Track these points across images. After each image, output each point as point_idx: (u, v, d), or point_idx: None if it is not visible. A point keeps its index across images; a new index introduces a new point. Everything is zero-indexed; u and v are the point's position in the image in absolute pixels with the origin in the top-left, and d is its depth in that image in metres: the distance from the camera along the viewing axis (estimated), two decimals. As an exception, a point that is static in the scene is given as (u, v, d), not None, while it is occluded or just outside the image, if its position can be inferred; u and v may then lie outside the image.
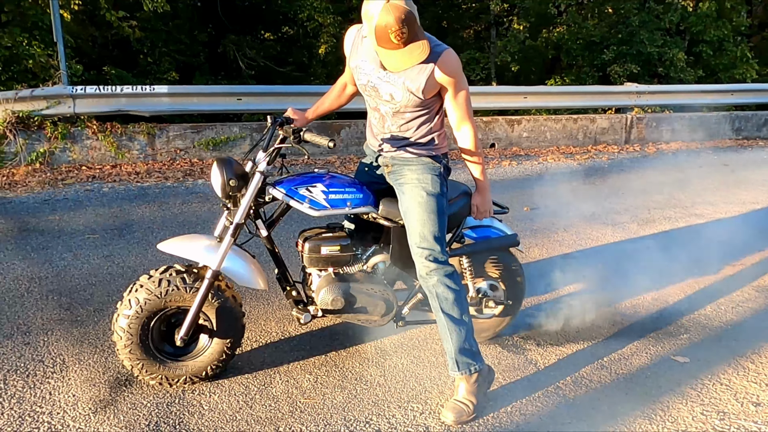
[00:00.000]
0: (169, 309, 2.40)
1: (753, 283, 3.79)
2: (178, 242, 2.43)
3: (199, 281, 2.38)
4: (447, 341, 2.39)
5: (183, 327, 2.38)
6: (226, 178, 2.33)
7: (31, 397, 2.39)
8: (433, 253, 2.35)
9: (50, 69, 6.71)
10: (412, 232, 2.38)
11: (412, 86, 2.25)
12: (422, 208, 2.36)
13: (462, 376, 2.38)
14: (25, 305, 3.16)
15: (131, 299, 2.36)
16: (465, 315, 2.40)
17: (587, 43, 11.85)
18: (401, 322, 2.71)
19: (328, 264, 2.53)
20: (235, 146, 6.65)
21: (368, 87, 2.36)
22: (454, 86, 2.28)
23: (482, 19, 13.40)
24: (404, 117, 2.36)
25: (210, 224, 4.39)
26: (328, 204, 2.42)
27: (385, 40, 2.07)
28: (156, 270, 2.42)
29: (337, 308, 2.50)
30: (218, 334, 2.46)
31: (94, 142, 6.17)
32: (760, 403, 2.53)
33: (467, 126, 2.37)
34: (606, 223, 4.92)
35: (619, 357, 2.87)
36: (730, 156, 7.93)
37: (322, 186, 2.42)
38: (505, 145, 7.88)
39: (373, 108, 2.45)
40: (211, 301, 2.41)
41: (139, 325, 2.36)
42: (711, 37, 11.52)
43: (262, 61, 11.20)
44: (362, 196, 2.47)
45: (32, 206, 4.87)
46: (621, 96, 8.66)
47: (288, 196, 2.40)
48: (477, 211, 2.56)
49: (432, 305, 2.41)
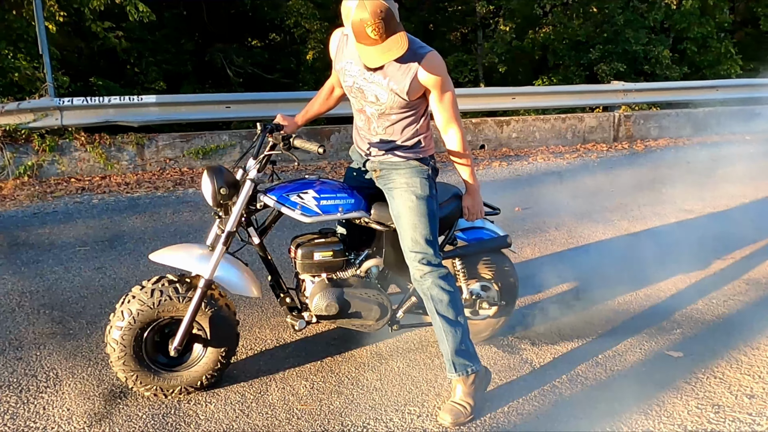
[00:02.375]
0: (162, 319, 2.38)
1: (744, 276, 3.83)
2: (170, 252, 2.41)
3: (192, 291, 2.37)
4: (443, 343, 2.39)
5: (176, 337, 2.36)
6: (216, 186, 2.33)
7: (24, 412, 2.37)
8: (426, 256, 2.35)
9: (36, 81, 6.67)
10: (404, 236, 2.39)
11: (397, 87, 2.25)
12: (413, 213, 2.36)
13: (459, 378, 2.38)
14: (16, 320, 3.13)
15: (123, 311, 2.34)
16: (460, 316, 2.40)
17: (573, 42, 11.94)
18: (396, 326, 2.70)
19: (321, 270, 2.53)
20: (225, 154, 6.64)
21: (354, 89, 2.36)
22: (439, 88, 2.27)
23: (468, 22, 13.46)
24: (390, 119, 2.36)
25: (202, 233, 4.37)
26: (320, 210, 2.42)
27: (362, 35, 2.07)
28: (148, 281, 2.41)
29: (332, 314, 2.49)
30: (212, 344, 2.44)
31: (83, 154, 6.14)
32: (754, 395, 2.55)
33: (454, 128, 2.37)
34: (597, 221, 4.94)
35: (614, 354, 2.88)
36: (717, 151, 7.99)
37: (314, 192, 2.42)
38: (495, 146, 7.91)
39: (358, 110, 2.45)
40: (204, 310, 2.40)
41: (132, 336, 2.34)
42: (695, 35, 11.64)
43: (250, 69, 11.20)
44: (354, 201, 2.47)
45: (21, 220, 4.83)
46: (608, 94, 8.73)
47: (279, 203, 2.40)
48: (468, 212, 2.57)
49: (427, 308, 2.41)
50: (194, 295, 2.34)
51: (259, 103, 6.97)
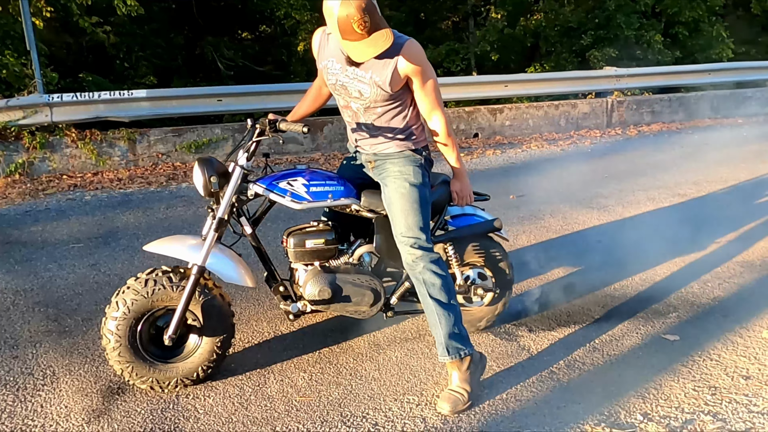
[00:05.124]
0: (156, 309, 2.40)
1: (738, 259, 3.85)
2: (164, 243, 2.45)
3: (186, 280, 2.38)
4: (436, 327, 2.40)
5: (171, 325, 2.37)
6: (207, 176, 2.36)
7: (22, 410, 2.36)
8: (418, 241, 2.37)
9: (25, 78, 6.58)
10: (396, 222, 2.41)
11: (379, 79, 2.26)
12: (405, 199, 2.38)
13: (453, 362, 2.38)
14: (11, 318, 3.12)
15: (118, 301, 2.36)
16: (453, 300, 2.42)
17: (565, 29, 11.89)
18: (390, 313, 2.71)
19: (314, 258, 2.56)
20: (218, 148, 6.60)
21: (337, 86, 2.39)
22: (420, 76, 2.28)
23: (460, 10, 13.37)
24: (376, 112, 2.38)
25: (196, 227, 4.35)
26: (310, 196, 2.45)
27: (348, 31, 2.09)
28: (143, 272, 2.43)
29: (324, 299, 2.51)
30: (207, 333, 2.45)
31: (74, 150, 6.08)
32: (750, 377, 2.57)
33: (437, 114, 2.39)
34: (592, 207, 4.95)
35: (611, 338, 2.90)
36: (709, 135, 8.01)
37: (303, 179, 2.45)
38: (489, 135, 7.90)
39: (344, 107, 2.48)
40: (198, 299, 2.41)
41: (127, 326, 2.35)
42: (686, 18, 11.60)
43: (241, 61, 11.11)
44: (343, 188, 2.51)
45: (14, 218, 4.80)
46: (601, 80, 8.71)
47: (268, 190, 2.43)
48: (457, 197, 2.60)
49: (419, 293, 2.42)
50: (187, 284, 2.35)
51: (251, 95, 6.91)
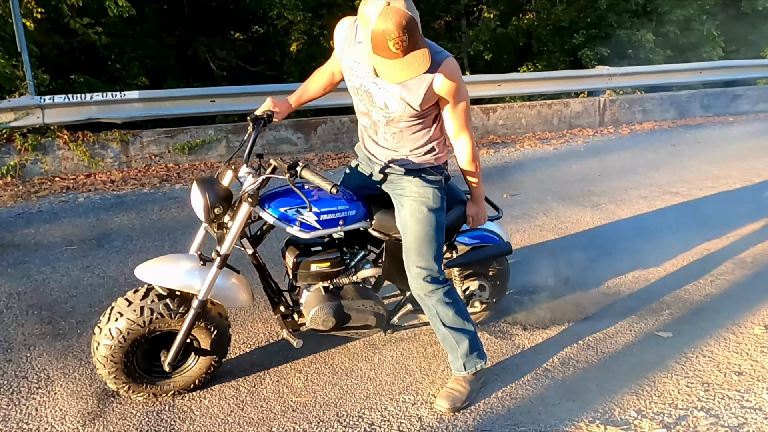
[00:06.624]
0: (153, 333, 2.30)
1: (729, 256, 3.88)
2: (157, 267, 2.26)
3: (184, 306, 2.27)
4: (453, 350, 2.38)
5: (170, 354, 2.30)
6: (210, 203, 2.18)
7: (17, 414, 2.35)
8: (431, 273, 2.29)
9: (16, 80, 6.54)
10: (409, 248, 2.30)
11: (409, 98, 2.10)
12: (421, 226, 2.27)
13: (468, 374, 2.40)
14: (5, 322, 3.10)
15: (111, 329, 2.23)
16: (467, 322, 2.40)
17: (557, 28, 11.93)
18: (390, 330, 2.71)
19: (318, 279, 2.44)
20: (211, 149, 6.58)
21: (361, 91, 2.21)
22: (454, 97, 2.12)
23: (452, 10, 13.39)
24: (398, 126, 2.22)
25: (190, 229, 4.34)
26: (320, 225, 2.31)
27: (382, 47, 1.88)
28: (134, 293, 2.30)
29: (328, 328, 2.43)
30: (205, 352, 2.41)
31: (66, 152, 6.05)
32: (742, 372, 2.59)
33: (465, 137, 2.26)
34: (585, 205, 4.97)
35: (604, 336, 2.91)
36: (701, 133, 8.06)
37: (314, 207, 2.29)
38: (482, 134, 7.92)
39: (363, 113, 2.29)
40: (198, 323, 2.32)
41: (122, 353, 2.26)
42: (677, 17, 11.67)
43: (234, 62, 11.08)
44: (355, 212, 2.37)
45: (6, 221, 4.77)
46: (593, 79, 8.74)
47: (279, 221, 2.28)
48: (472, 221, 2.53)
49: (432, 322, 2.39)
50: (188, 315, 2.25)
51: (244, 96, 6.89)
